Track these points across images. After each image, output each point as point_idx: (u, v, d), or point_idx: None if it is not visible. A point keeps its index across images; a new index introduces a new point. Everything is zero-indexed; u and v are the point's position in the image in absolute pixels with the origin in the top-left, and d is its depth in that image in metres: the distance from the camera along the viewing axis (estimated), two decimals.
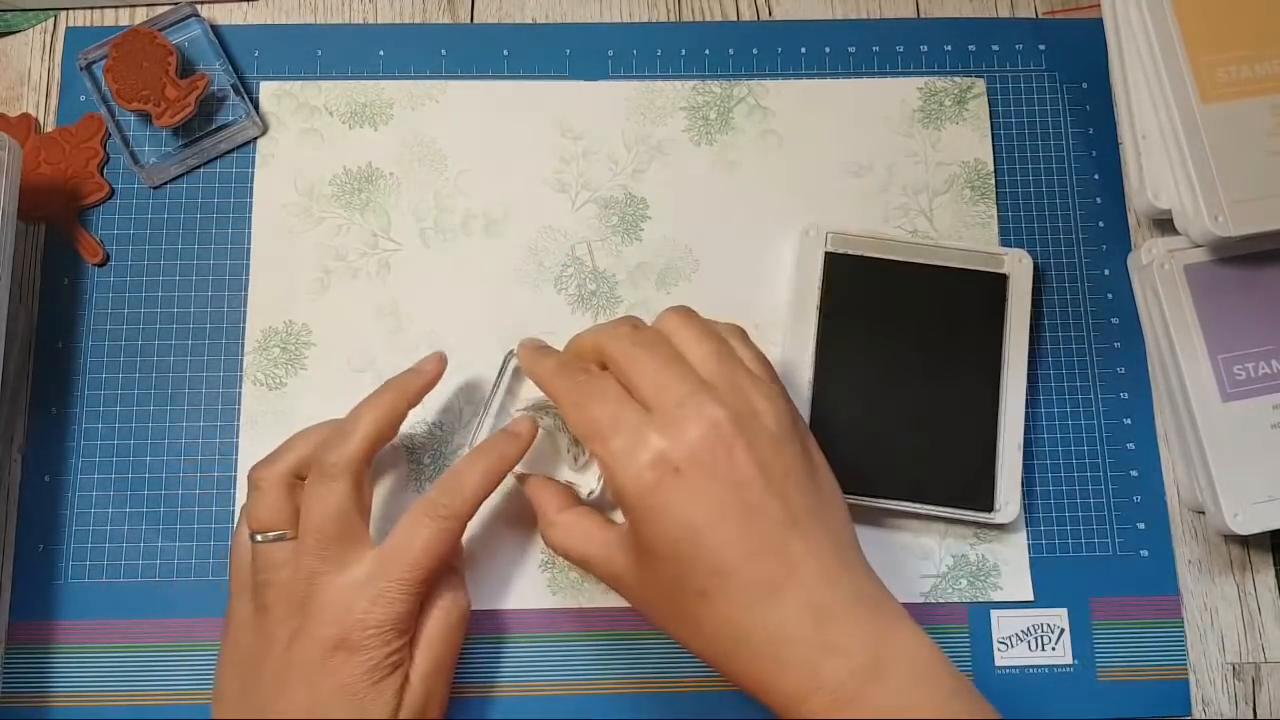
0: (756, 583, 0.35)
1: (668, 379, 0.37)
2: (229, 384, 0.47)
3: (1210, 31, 0.46)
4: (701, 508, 0.35)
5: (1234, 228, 0.44)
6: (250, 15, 0.52)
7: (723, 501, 0.35)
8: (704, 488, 0.35)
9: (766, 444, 0.36)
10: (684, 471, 0.35)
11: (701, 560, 0.35)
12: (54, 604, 0.45)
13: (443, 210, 0.49)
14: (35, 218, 0.48)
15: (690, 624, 0.36)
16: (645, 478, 0.35)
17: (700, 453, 0.35)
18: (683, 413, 0.36)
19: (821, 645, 0.34)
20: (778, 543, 0.35)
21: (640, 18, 0.53)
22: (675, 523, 0.35)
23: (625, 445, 0.36)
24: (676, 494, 0.35)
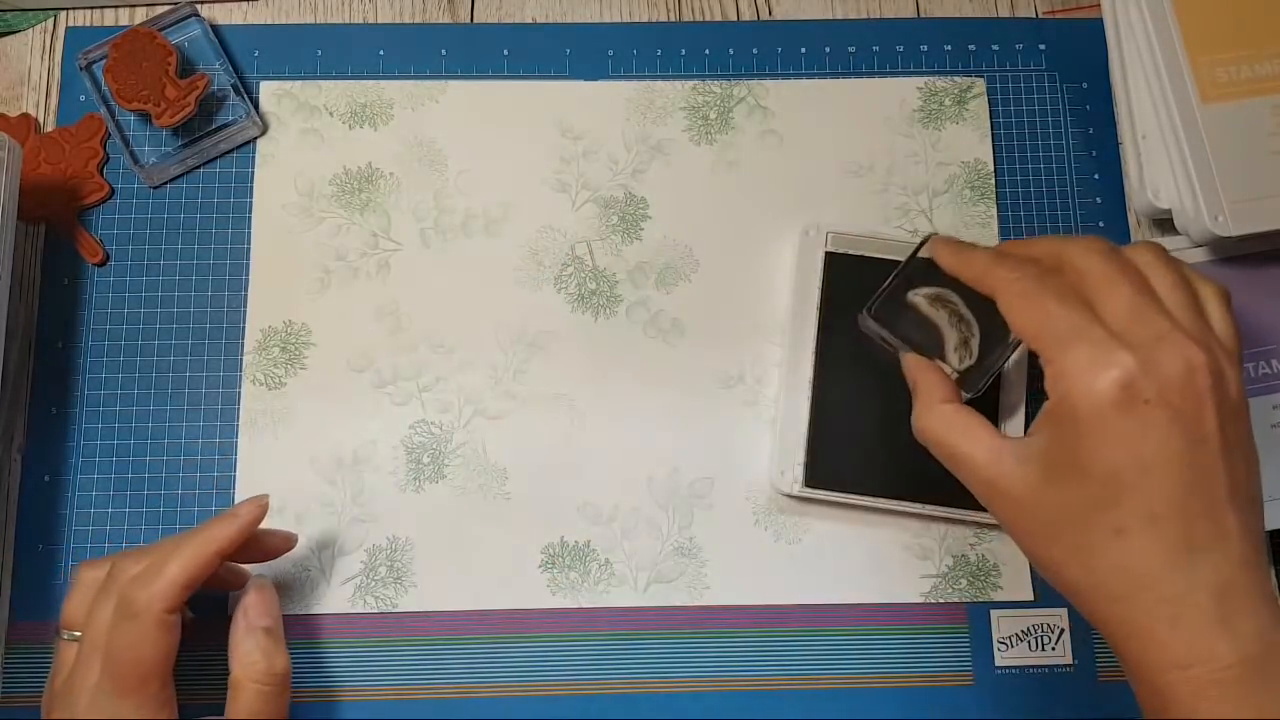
0: (1181, 539, 0.33)
1: (1145, 310, 0.34)
2: (229, 384, 0.47)
3: (1210, 31, 0.46)
4: (1159, 446, 0.33)
5: (1234, 228, 0.44)
6: (250, 15, 0.52)
7: (1179, 449, 0.33)
8: (1166, 428, 0.33)
9: (1229, 409, 0.34)
10: (1152, 405, 0.33)
11: (1138, 497, 0.33)
12: (54, 604, 0.45)
13: (443, 210, 0.49)
14: (35, 218, 0.48)
15: (1085, 556, 0.34)
16: (1110, 395, 0.33)
17: (1173, 392, 0.33)
18: (1161, 347, 0.33)
19: (1221, 622, 0.33)
20: (1215, 510, 0.33)
21: (640, 18, 0.53)
22: (1126, 452, 0.33)
23: (1093, 356, 0.33)
24: (1137, 423, 0.33)
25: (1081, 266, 0.36)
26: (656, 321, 0.48)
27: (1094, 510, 0.34)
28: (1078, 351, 0.34)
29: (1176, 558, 0.33)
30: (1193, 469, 0.33)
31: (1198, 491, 0.33)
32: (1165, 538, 0.33)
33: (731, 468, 0.47)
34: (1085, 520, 0.34)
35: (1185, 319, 0.35)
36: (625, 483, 0.47)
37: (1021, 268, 0.37)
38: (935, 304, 0.43)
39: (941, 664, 0.45)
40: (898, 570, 0.46)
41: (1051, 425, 0.35)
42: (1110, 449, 0.33)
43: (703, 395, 0.48)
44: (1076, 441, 0.34)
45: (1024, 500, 0.36)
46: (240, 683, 0.40)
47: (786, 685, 0.45)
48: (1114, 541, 0.34)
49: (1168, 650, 0.33)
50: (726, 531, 0.46)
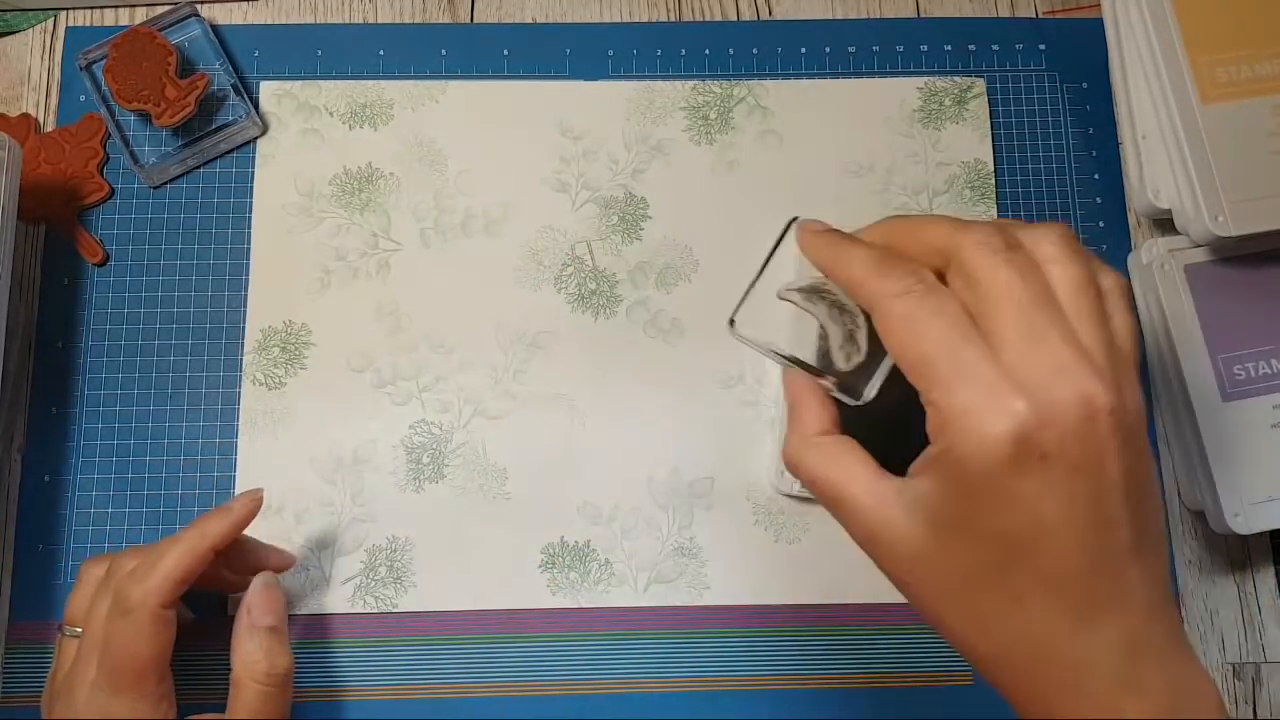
0: (1083, 601, 0.30)
1: (1045, 330, 0.29)
2: (229, 384, 0.47)
3: (1210, 31, 0.46)
4: (1057, 506, 0.29)
5: (1234, 228, 0.44)
6: (250, 15, 0.52)
7: (1079, 508, 0.29)
8: (1065, 486, 0.29)
9: (1133, 447, 0.30)
10: (1050, 460, 0.29)
11: (1036, 562, 0.30)
12: (54, 604, 0.45)
13: (443, 210, 0.49)
14: (35, 218, 0.48)
15: (981, 623, 0.31)
16: (1001, 452, 0.29)
17: (1072, 444, 0.29)
18: (1061, 384, 0.29)
19: (1128, 683, 0.30)
20: (1117, 566, 0.30)
21: (640, 18, 0.53)
22: (1023, 513, 0.29)
23: (978, 401, 0.29)
24: (1034, 483, 0.29)
25: (973, 270, 0.31)
26: (656, 321, 0.48)
27: (988, 574, 0.31)
28: (964, 396, 0.29)
29: (1079, 621, 0.30)
30: (1094, 526, 0.30)
31: (1100, 548, 0.30)
32: (1067, 601, 0.30)
33: (731, 468, 0.47)
34: (978, 584, 0.31)
35: (1088, 333, 0.30)
36: (625, 483, 0.47)
37: (904, 280, 0.31)
38: (810, 298, 0.37)
39: (941, 664, 0.45)
40: None
41: (938, 476, 0.31)
42: (1004, 512, 0.30)
43: (703, 395, 0.48)
44: (965, 501, 0.30)
45: (912, 557, 0.32)
46: (241, 681, 0.39)
47: (786, 685, 0.45)
48: (1012, 609, 0.31)
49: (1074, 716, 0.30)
50: (726, 531, 0.46)
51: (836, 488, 0.34)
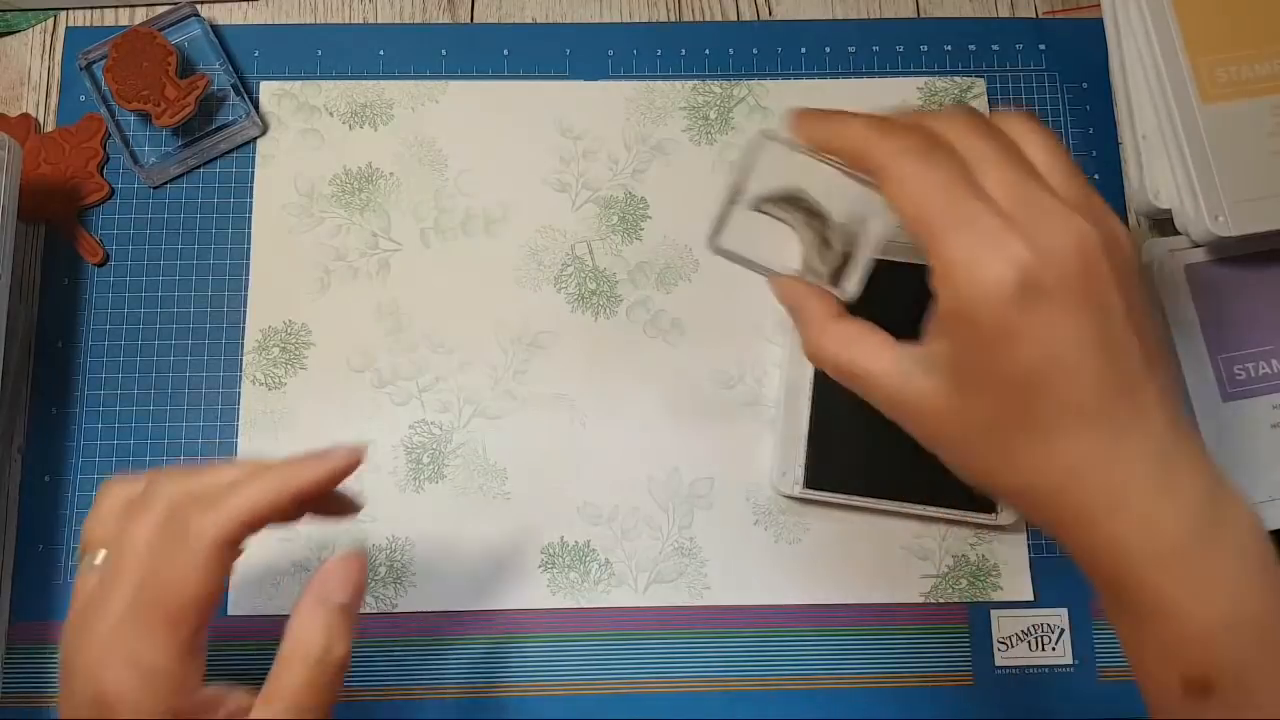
0: (1106, 424, 0.31)
1: (1027, 182, 0.32)
2: (229, 384, 0.47)
3: (1210, 31, 0.46)
4: (1066, 338, 0.31)
5: (1234, 228, 0.44)
6: (250, 15, 0.52)
7: (1087, 335, 0.31)
8: (1072, 317, 0.30)
9: (1128, 277, 0.32)
10: (1053, 295, 0.30)
11: (1052, 394, 0.31)
12: (54, 604, 0.45)
13: (443, 210, 0.49)
14: (35, 218, 0.48)
15: (1012, 460, 0.32)
16: (1006, 292, 0.30)
17: (1072, 277, 0.30)
18: (1052, 226, 0.31)
19: (1163, 493, 0.31)
20: (1132, 385, 0.31)
21: (640, 18, 0.53)
22: (1033, 350, 0.30)
23: (979, 245, 0.30)
24: (1040, 318, 0.30)
25: (956, 140, 0.33)
26: (656, 321, 0.48)
27: (1013, 414, 0.32)
28: (965, 238, 0.31)
29: (1104, 443, 0.31)
30: (1106, 350, 0.31)
31: (1114, 371, 0.31)
32: (1089, 426, 0.31)
33: (731, 468, 0.47)
34: (1006, 425, 0.32)
35: (1067, 184, 0.32)
36: (625, 483, 0.47)
37: (905, 139, 0.33)
38: (785, 207, 0.38)
39: (941, 664, 0.45)
40: (898, 570, 0.46)
41: (951, 329, 0.32)
42: (1019, 350, 0.31)
43: (703, 395, 0.48)
44: (981, 347, 0.31)
45: (938, 412, 0.33)
46: (289, 660, 0.33)
47: (786, 685, 0.45)
48: (1039, 441, 0.32)
49: (1112, 535, 0.31)
50: (726, 531, 0.46)
51: (858, 366, 0.35)
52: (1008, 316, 0.30)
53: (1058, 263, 0.31)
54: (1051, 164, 0.33)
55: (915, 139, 0.33)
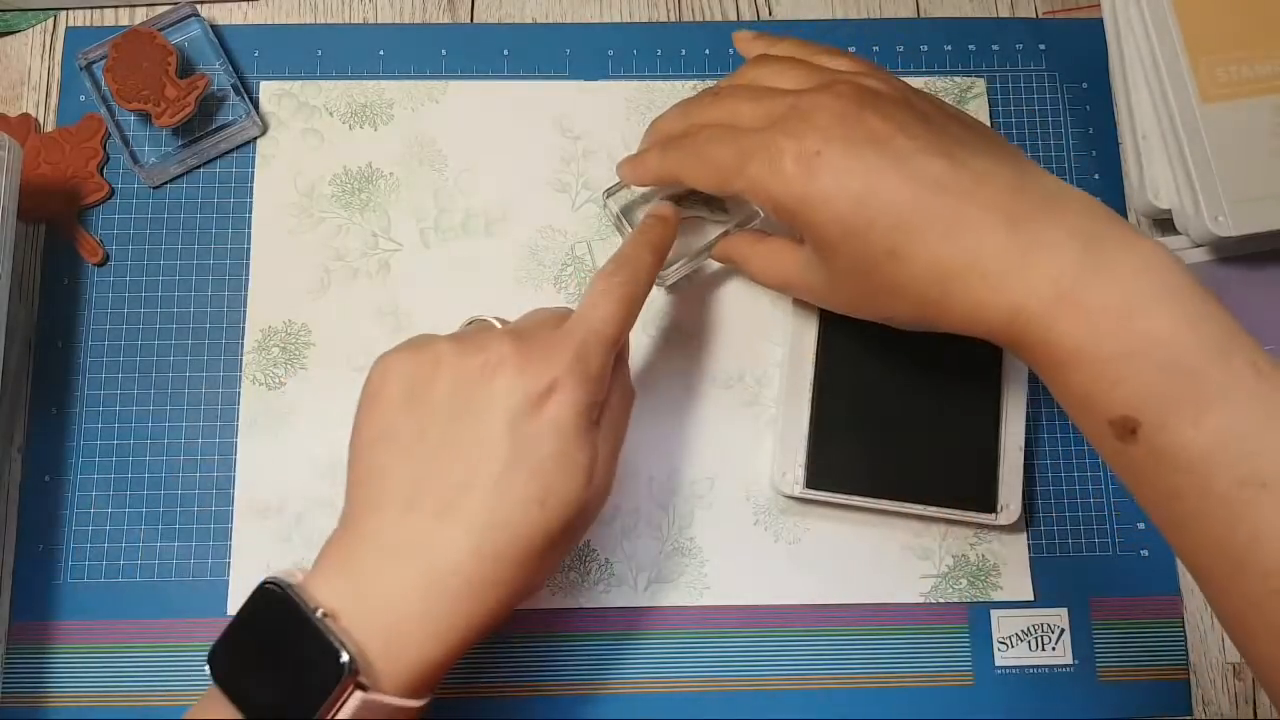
0: (937, 219, 0.34)
1: (770, 101, 0.38)
2: (229, 384, 0.47)
3: (1210, 31, 0.46)
4: (856, 174, 0.35)
5: (1234, 228, 0.44)
6: (250, 15, 0.52)
7: (871, 161, 0.35)
8: (849, 157, 0.35)
9: (893, 106, 0.36)
10: (824, 153, 0.35)
11: (877, 222, 0.35)
12: (54, 604, 0.45)
13: (443, 210, 0.49)
14: (35, 218, 0.48)
15: (891, 290, 0.36)
16: (792, 176, 0.36)
17: (833, 129, 0.36)
18: (800, 108, 0.37)
19: (1022, 246, 0.33)
20: (940, 177, 0.34)
21: (640, 18, 0.53)
22: (837, 199, 0.35)
23: (762, 162, 0.36)
24: (826, 175, 0.35)
25: (714, 111, 0.40)
26: (656, 321, 0.48)
27: (864, 257, 0.36)
28: (752, 167, 0.37)
29: (946, 234, 0.34)
30: (896, 165, 0.35)
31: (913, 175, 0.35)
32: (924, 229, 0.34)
33: (731, 468, 0.47)
34: (866, 268, 0.36)
35: (804, 80, 0.38)
36: (625, 483, 0.47)
37: (677, 146, 0.41)
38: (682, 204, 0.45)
39: (941, 664, 0.46)
40: (898, 570, 0.46)
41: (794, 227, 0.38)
42: (828, 209, 0.36)
43: (703, 395, 0.48)
44: (809, 227, 0.37)
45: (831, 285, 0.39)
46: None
47: (786, 685, 0.45)
48: (897, 265, 0.35)
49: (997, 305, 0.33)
50: (726, 531, 0.46)
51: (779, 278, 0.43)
52: (804, 190, 0.36)
53: (813, 129, 0.36)
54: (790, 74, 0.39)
55: (680, 140, 0.41)
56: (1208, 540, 0.31)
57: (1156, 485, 0.31)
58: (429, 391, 0.36)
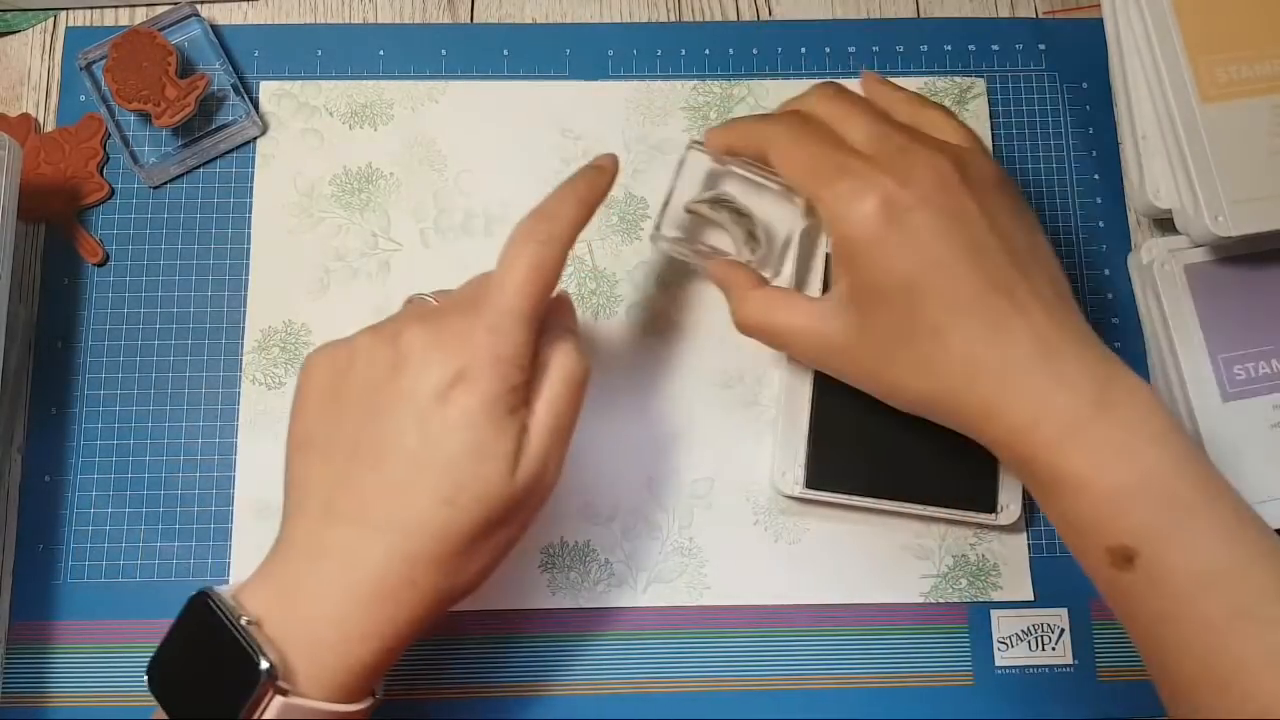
0: (989, 317, 0.35)
1: (884, 129, 0.38)
2: (228, 384, 0.47)
3: (1210, 31, 0.45)
4: (936, 244, 0.36)
5: (1234, 228, 0.44)
6: (250, 15, 0.52)
7: (955, 240, 0.36)
8: (935, 225, 0.36)
9: (987, 192, 0.37)
10: (916, 210, 0.36)
11: (936, 295, 0.36)
12: (54, 604, 0.45)
13: (442, 210, 0.49)
14: (35, 218, 0.48)
15: (919, 366, 0.37)
16: (877, 216, 0.36)
17: (931, 193, 0.36)
18: (908, 158, 0.37)
19: (1051, 376, 0.35)
20: (1006, 281, 0.36)
21: (640, 18, 0.53)
22: (910, 258, 0.36)
23: (854, 187, 0.36)
24: (909, 231, 0.36)
25: (823, 112, 0.40)
26: (656, 322, 0.48)
27: (908, 321, 0.36)
28: (841, 186, 0.36)
29: (991, 334, 0.35)
30: (972, 251, 0.36)
31: (984, 270, 0.36)
32: (975, 320, 0.35)
33: (731, 468, 0.47)
34: (905, 333, 0.37)
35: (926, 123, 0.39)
36: (625, 483, 0.47)
37: (784, 119, 0.40)
38: (715, 207, 0.45)
39: (941, 664, 0.45)
40: (898, 570, 0.46)
41: (844, 266, 0.37)
42: (896, 262, 0.36)
43: (703, 395, 0.48)
44: (869, 268, 0.36)
45: (852, 343, 0.38)
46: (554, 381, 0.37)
47: (786, 685, 0.45)
48: (935, 341, 0.36)
49: (1014, 418, 0.35)
50: (726, 531, 0.46)
51: (779, 324, 0.40)
52: (879, 236, 0.36)
53: (915, 183, 0.36)
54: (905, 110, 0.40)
55: (787, 120, 0.40)
56: (1194, 663, 0.33)
57: (1147, 609, 0.34)
58: (345, 391, 0.36)
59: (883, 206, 0.36)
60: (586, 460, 0.47)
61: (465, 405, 0.34)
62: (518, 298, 0.35)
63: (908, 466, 0.45)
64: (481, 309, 0.35)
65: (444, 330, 0.35)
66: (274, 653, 0.32)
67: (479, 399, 0.34)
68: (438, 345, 0.35)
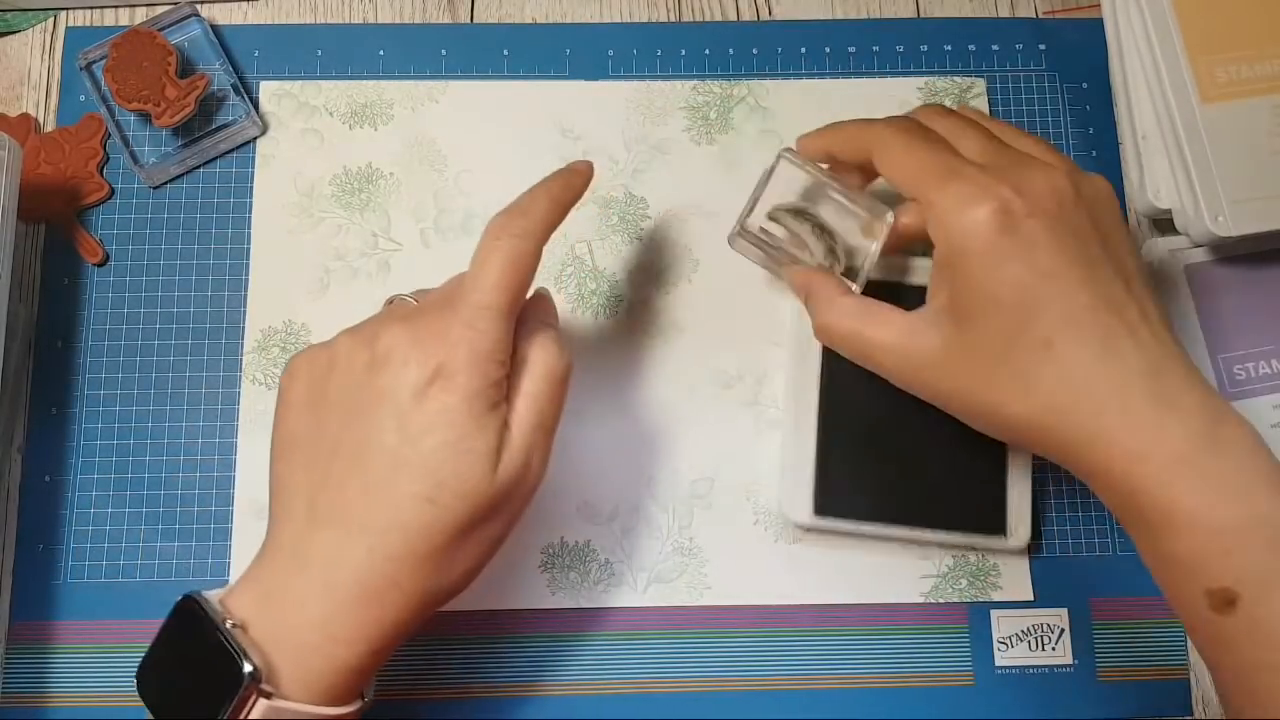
0: (1103, 334, 0.34)
1: (996, 145, 0.38)
2: (229, 384, 0.47)
3: (1210, 31, 0.46)
4: (1051, 255, 0.35)
5: (1234, 228, 0.44)
6: (250, 15, 0.52)
7: (1070, 253, 0.35)
8: (1052, 237, 0.35)
9: (1100, 206, 0.37)
10: (1030, 220, 0.35)
11: (1049, 306, 0.34)
12: (54, 604, 0.45)
13: (443, 210, 0.49)
14: (35, 218, 0.48)
15: (1023, 381, 0.35)
16: (991, 222, 0.35)
17: (1048, 205, 0.35)
18: (1022, 170, 0.36)
19: (1165, 403, 0.33)
20: (1118, 300, 0.35)
21: (640, 18, 0.53)
22: (1024, 267, 0.35)
23: (965, 191, 0.35)
24: (1024, 239, 0.35)
25: (935, 122, 0.39)
26: (656, 321, 0.48)
27: (1016, 333, 0.35)
28: (954, 187, 0.36)
29: (1104, 353, 0.34)
30: (1087, 265, 0.35)
31: (1098, 286, 0.35)
32: (1088, 336, 0.34)
33: (731, 468, 0.47)
34: (1011, 346, 0.35)
35: (1039, 151, 0.38)
36: (625, 483, 0.47)
37: (895, 123, 0.39)
38: (797, 218, 0.43)
39: (941, 664, 0.45)
40: (898, 570, 0.46)
41: (948, 273, 0.36)
42: (1009, 269, 0.35)
43: (703, 395, 0.48)
44: (977, 276, 0.35)
45: (947, 358, 0.37)
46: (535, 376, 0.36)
47: (786, 685, 0.45)
48: (1044, 355, 0.34)
49: (1122, 445, 0.33)
50: (726, 531, 0.46)
51: (866, 336, 0.39)
52: (993, 242, 0.35)
53: (1032, 195, 0.35)
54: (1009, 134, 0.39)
55: (897, 122, 0.39)
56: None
57: (1244, 657, 0.32)
58: (325, 393, 0.36)
59: (998, 213, 0.35)
60: (586, 460, 0.47)
61: (444, 402, 0.34)
62: (493, 292, 0.35)
63: (917, 490, 0.45)
64: (457, 306, 0.35)
65: (421, 328, 0.35)
66: (258, 656, 0.32)
67: (458, 395, 0.34)
68: (415, 343, 0.35)
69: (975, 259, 0.35)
